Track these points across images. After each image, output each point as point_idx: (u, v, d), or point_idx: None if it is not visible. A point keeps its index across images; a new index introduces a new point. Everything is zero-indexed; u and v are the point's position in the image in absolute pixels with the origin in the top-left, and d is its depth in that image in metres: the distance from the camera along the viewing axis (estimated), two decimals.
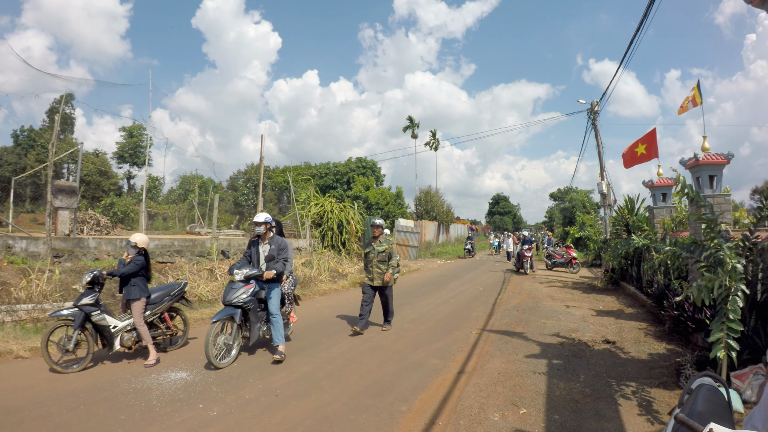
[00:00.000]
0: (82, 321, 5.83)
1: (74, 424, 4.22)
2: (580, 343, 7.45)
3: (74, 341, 5.77)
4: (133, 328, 6.20)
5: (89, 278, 5.98)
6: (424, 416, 4.57)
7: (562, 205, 56.28)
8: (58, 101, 40.78)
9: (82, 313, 5.82)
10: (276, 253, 6.56)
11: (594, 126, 20.04)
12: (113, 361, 6.26)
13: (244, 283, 6.30)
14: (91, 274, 6.03)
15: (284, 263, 6.60)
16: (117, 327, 6.10)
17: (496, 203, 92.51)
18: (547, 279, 17.40)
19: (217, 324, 5.93)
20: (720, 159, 8.49)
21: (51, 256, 10.81)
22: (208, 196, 37.37)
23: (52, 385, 5.29)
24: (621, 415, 4.59)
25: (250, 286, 6.36)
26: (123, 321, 6.19)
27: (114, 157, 47.01)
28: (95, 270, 6.13)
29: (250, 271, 6.38)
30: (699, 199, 5.37)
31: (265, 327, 6.77)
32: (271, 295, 6.63)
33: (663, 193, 13.63)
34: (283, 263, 6.56)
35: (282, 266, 6.53)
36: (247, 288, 6.32)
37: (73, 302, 6.03)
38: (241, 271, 6.31)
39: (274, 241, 6.75)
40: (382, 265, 8.09)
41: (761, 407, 2.37)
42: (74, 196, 16.57)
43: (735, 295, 4.56)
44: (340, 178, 36.21)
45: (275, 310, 6.57)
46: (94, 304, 5.93)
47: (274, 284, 6.68)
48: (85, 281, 5.98)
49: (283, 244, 6.76)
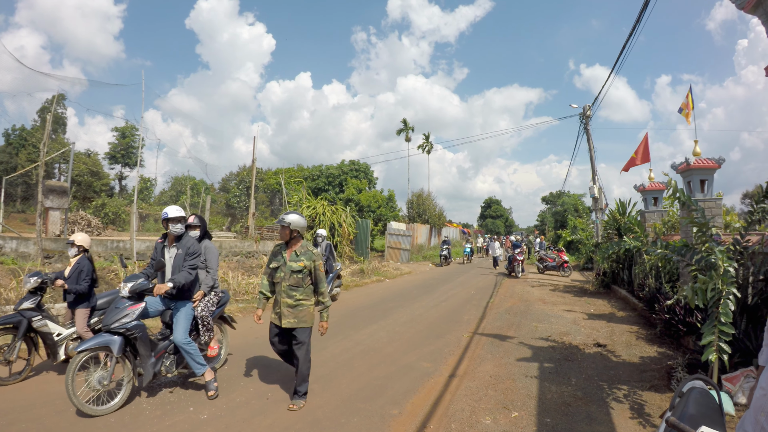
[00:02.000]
0: (26, 328, 5.29)
1: (63, 428, 4.16)
2: (571, 347, 7.46)
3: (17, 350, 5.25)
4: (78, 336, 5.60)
5: (34, 285, 5.42)
6: (416, 420, 4.55)
7: (554, 208, 56.46)
8: (49, 101, 40.46)
9: (24, 319, 5.28)
10: (182, 260, 5.03)
11: (586, 130, 20.11)
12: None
13: (131, 301, 4.79)
14: (35, 279, 5.43)
15: (189, 273, 4.97)
16: (62, 335, 5.57)
17: (488, 207, 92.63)
18: (538, 282, 17.45)
19: (83, 356, 4.47)
20: (711, 163, 8.55)
21: (41, 257, 10.70)
22: (200, 198, 37.15)
23: (41, 387, 5.22)
24: (612, 418, 4.59)
25: (137, 305, 4.80)
26: (69, 329, 5.65)
27: (106, 157, 46.67)
28: (41, 275, 5.51)
29: (138, 284, 4.83)
30: (690, 203, 5.39)
31: (172, 358, 5.14)
32: (177, 317, 5.05)
33: (654, 197, 13.71)
34: (188, 273, 4.95)
35: (185, 277, 4.91)
36: (134, 308, 4.75)
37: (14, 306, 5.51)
38: (127, 284, 4.80)
39: (183, 243, 5.11)
40: (296, 293, 4.84)
41: (751, 411, 2.37)
42: (65, 197, 16.43)
43: (726, 298, 4.58)
44: (333, 180, 36.09)
45: (181, 339, 4.92)
46: (35, 309, 5.40)
47: (182, 303, 5.12)
48: (27, 287, 5.41)
49: (194, 248, 5.10)
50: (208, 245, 5.77)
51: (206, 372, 5.05)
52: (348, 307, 11.09)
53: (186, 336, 4.99)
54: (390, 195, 35.15)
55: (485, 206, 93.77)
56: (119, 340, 4.60)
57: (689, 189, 8.81)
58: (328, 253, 10.89)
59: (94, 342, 4.52)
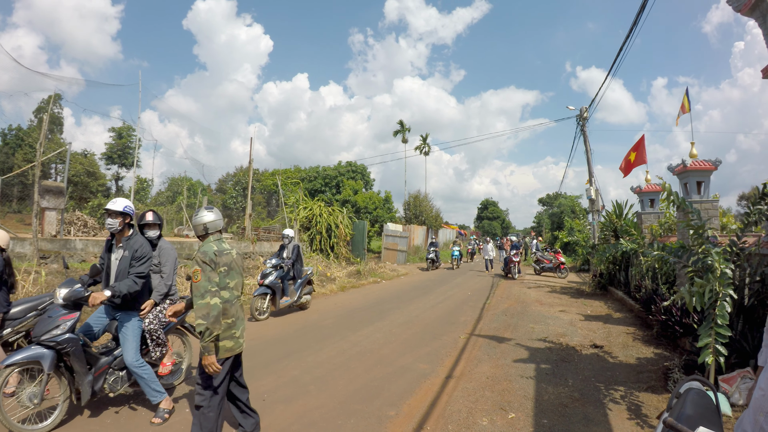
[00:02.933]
0: None
1: None
2: (568, 348, 7.46)
3: None
4: None
5: None
6: (413, 421, 4.54)
7: (550, 210, 56.46)
8: (46, 101, 40.40)
9: None
10: (128, 264, 4.33)
11: (583, 132, 20.15)
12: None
13: (67, 310, 4.13)
14: None
15: (134, 281, 4.27)
16: None
17: (485, 208, 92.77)
18: (535, 284, 17.46)
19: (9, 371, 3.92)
20: (707, 165, 8.56)
21: (37, 257, 10.67)
22: (196, 199, 37.18)
23: None
24: (609, 419, 4.59)
25: (71, 315, 4.13)
26: None
27: (102, 157, 46.62)
28: None
29: (73, 291, 4.16)
30: (684, 205, 5.42)
31: (118, 375, 4.47)
32: (123, 333, 4.39)
33: (651, 199, 13.72)
34: (132, 281, 4.25)
35: (128, 286, 4.22)
36: (66, 319, 4.07)
37: None
38: (62, 289, 4.16)
39: (130, 244, 4.39)
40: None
41: (750, 411, 2.37)
42: (61, 197, 16.40)
43: (723, 300, 4.59)
44: (330, 181, 36.12)
45: (131, 361, 4.30)
46: None
47: (128, 315, 4.44)
48: None
49: (142, 251, 4.39)
50: (164, 246, 5.08)
51: (163, 401, 4.44)
52: (344, 308, 11.07)
53: (137, 356, 4.36)
54: (387, 196, 35.22)
55: (482, 208, 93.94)
56: (51, 354, 4.00)
57: (686, 191, 8.82)
58: (295, 256, 10.10)
59: (22, 355, 3.94)
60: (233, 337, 3.64)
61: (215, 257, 3.58)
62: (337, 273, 16.86)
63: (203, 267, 3.52)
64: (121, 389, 4.47)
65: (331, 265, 18.63)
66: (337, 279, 16.06)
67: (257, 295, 9.22)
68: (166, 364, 4.95)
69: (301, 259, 10.43)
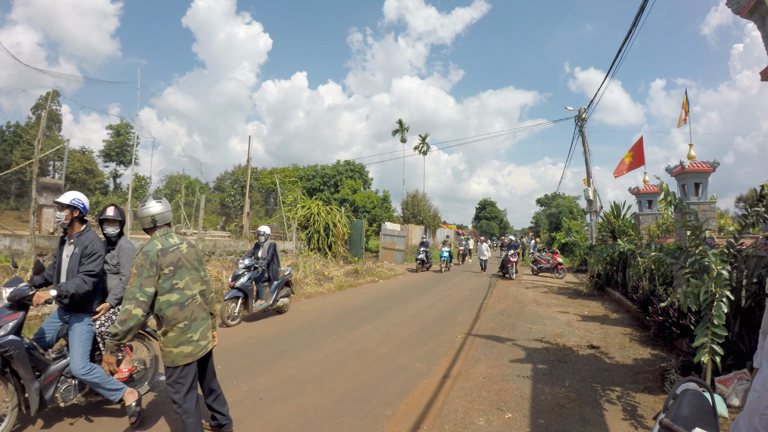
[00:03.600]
0: None
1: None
2: (565, 348, 7.46)
3: None
4: None
5: None
6: (409, 420, 4.54)
7: (548, 210, 56.56)
8: (44, 98, 40.34)
9: None
10: (78, 261, 4.04)
11: (581, 133, 20.20)
12: None
13: (11, 311, 3.79)
14: None
15: (84, 280, 3.96)
16: None
17: (483, 208, 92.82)
18: (532, 284, 17.47)
19: None
20: (705, 167, 8.58)
21: (35, 255, 10.64)
22: (194, 197, 37.16)
23: None
24: (606, 419, 4.59)
25: (14, 315, 3.77)
26: None
27: (100, 155, 46.46)
28: None
29: (18, 290, 3.84)
30: (682, 206, 5.43)
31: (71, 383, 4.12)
32: (71, 337, 4.06)
33: (649, 200, 13.75)
34: (82, 280, 3.94)
35: (76, 285, 3.90)
36: (9, 319, 3.72)
37: None
38: (7, 289, 3.87)
39: (81, 240, 4.12)
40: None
41: (746, 412, 2.38)
42: (59, 194, 16.36)
43: (720, 301, 4.59)
44: (328, 180, 36.08)
45: (78, 369, 3.94)
46: None
47: (78, 318, 4.12)
48: None
49: (93, 247, 4.10)
50: (124, 245, 4.61)
51: (125, 394, 4.14)
52: (342, 307, 11.06)
53: (84, 363, 3.99)
54: (385, 196, 35.20)
55: (480, 208, 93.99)
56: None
57: (684, 192, 8.84)
58: (271, 256, 9.26)
59: None
60: (190, 342, 3.41)
61: (158, 258, 3.32)
62: (334, 272, 16.84)
63: (140, 270, 3.26)
64: (74, 399, 4.13)
65: (329, 264, 18.61)
66: (334, 278, 16.04)
67: (227, 299, 8.40)
68: (123, 370, 4.58)
69: (278, 258, 9.68)
